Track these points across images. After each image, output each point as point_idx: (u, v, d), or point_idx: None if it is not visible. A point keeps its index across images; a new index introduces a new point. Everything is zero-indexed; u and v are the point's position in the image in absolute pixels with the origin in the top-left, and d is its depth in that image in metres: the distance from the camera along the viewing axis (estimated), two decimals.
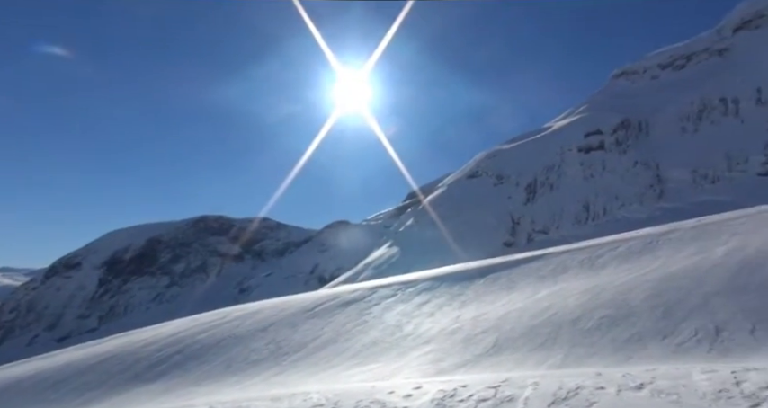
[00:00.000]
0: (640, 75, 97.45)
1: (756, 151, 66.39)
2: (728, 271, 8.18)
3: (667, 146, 74.28)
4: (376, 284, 16.38)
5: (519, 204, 75.79)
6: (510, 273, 14.09)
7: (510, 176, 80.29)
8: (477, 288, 13.48)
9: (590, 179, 75.39)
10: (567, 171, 77.43)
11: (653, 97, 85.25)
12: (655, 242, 12.08)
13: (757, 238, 9.35)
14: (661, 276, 9.16)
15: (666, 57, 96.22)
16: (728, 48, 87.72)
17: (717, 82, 79.27)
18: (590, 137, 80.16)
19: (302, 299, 16.31)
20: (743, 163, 66.07)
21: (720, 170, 67.04)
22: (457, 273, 15.71)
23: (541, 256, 14.97)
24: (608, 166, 75.73)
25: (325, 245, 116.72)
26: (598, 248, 13.45)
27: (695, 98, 78.68)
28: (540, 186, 77.24)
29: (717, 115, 75.37)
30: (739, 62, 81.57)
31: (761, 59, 78.69)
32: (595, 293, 9.54)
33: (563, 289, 10.75)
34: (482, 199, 76.03)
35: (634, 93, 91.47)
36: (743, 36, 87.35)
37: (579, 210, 71.52)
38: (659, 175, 71.33)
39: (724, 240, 10.07)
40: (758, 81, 75.27)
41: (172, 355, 12.63)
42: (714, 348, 6.25)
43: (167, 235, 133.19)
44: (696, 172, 68.44)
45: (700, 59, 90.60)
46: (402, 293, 14.44)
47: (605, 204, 70.67)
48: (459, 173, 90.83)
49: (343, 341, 11.22)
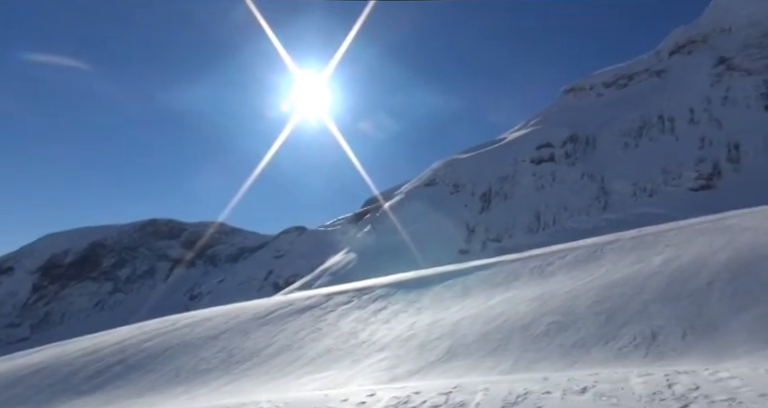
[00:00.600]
0: (587, 91, 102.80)
1: (689, 167, 71.42)
2: (664, 280, 8.72)
3: (611, 160, 78.56)
4: (332, 291, 16.25)
5: (474, 212, 77.63)
6: (465, 280, 14.36)
7: (466, 185, 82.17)
8: (433, 295, 13.66)
9: (541, 189, 78.42)
10: (521, 181, 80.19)
11: (599, 113, 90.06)
12: (599, 251, 12.69)
13: (689, 249, 10.04)
14: (604, 283, 9.63)
15: (611, 76, 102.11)
16: (665, 69, 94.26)
17: (655, 101, 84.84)
18: (541, 150, 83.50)
19: (255, 306, 15.91)
20: (677, 178, 70.86)
21: (658, 184, 71.58)
22: (413, 280, 15.86)
23: (495, 264, 15.38)
24: (558, 178, 79.09)
25: (281, 251, 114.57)
26: (548, 256, 13.97)
27: (636, 116, 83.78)
28: (494, 195, 79.50)
29: (655, 132, 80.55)
30: (675, 83, 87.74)
31: (693, 82, 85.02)
32: (545, 300, 9.89)
33: (515, 296, 11.07)
34: (439, 207, 77.33)
35: (582, 108, 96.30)
36: (677, 59, 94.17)
37: (531, 220, 74.15)
38: (604, 187, 75.22)
39: (660, 250, 10.73)
40: (691, 102, 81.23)
41: (113, 365, 11.95)
42: (650, 352, 6.64)
43: (112, 239, 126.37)
44: (636, 186, 72.69)
45: (640, 79, 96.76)
46: (358, 300, 14.39)
47: (555, 214, 73.66)
48: (417, 181, 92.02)
49: (297, 349, 11.04)
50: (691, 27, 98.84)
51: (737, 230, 10.29)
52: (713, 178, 69.45)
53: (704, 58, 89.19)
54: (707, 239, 10.38)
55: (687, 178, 70.20)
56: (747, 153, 70.48)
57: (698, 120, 78.44)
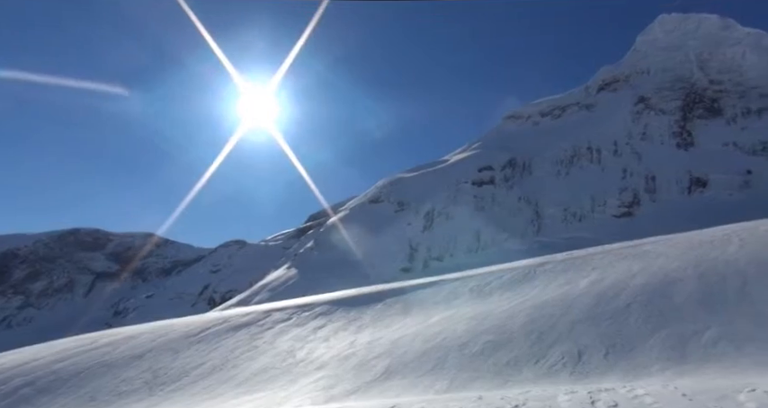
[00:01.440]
0: (525, 119, 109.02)
1: (613, 195, 77.25)
2: (589, 301, 9.31)
3: (545, 185, 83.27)
4: (270, 307, 15.78)
5: (417, 231, 78.88)
6: (406, 298, 14.47)
7: (410, 204, 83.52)
8: (373, 313, 13.62)
9: (481, 211, 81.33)
10: (462, 202, 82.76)
11: (535, 141, 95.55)
12: (532, 272, 13.32)
13: (611, 272, 10.81)
14: (536, 304, 10.10)
15: (546, 107, 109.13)
16: (594, 104, 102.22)
17: (584, 132, 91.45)
18: (482, 172, 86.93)
19: (187, 323, 15.09)
20: (603, 205, 76.34)
21: (586, 210, 76.66)
22: (355, 297, 15.75)
23: (436, 283, 15.64)
24: (497, 200, 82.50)
25: (219, 265, 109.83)
26: (486, 276, 14.45)
27: (568, 145, 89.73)
28: (437, 215, 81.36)
29: (584, 162, 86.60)
30: (601, 117, 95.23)
31: (617, 117, 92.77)
32: (481, 319, 10.20)
33: (453, 315, 11.31)
34: (383, 224, 77.87)
35: (520, 135, 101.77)
36: (604, 95, 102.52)
37: (471, 240, 76.47)
38: (538, 211, 79.37)
39: (587, 273, 11.46)
40: (615, 135, 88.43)
41: (19, 388, 10.80)
42: (576, 370, 7.03)
43: (26, 249, 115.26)
44: (567, 211, 77.39)
45: (572, 111, 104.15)
46: (297, 317, 14.08)
47: (493, 235, 76.50)
48: (363, 198, 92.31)
49: (230, 369, 10.57)
50: (615, 67, 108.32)
51: (653, 256, 11.23)
52: (633, 206, 75.44)
53: (626, 96, 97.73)
54: (627, 263, 11.23)
55: (611, 205, 75.77)
56: (662, 185, 77.41)
57: (621, 153, 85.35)
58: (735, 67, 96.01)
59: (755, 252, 9.16)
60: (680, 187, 76.15)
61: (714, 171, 75.79)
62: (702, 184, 75.18)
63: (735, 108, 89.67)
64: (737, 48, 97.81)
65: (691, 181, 76.02)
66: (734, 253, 9.51)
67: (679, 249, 11.20)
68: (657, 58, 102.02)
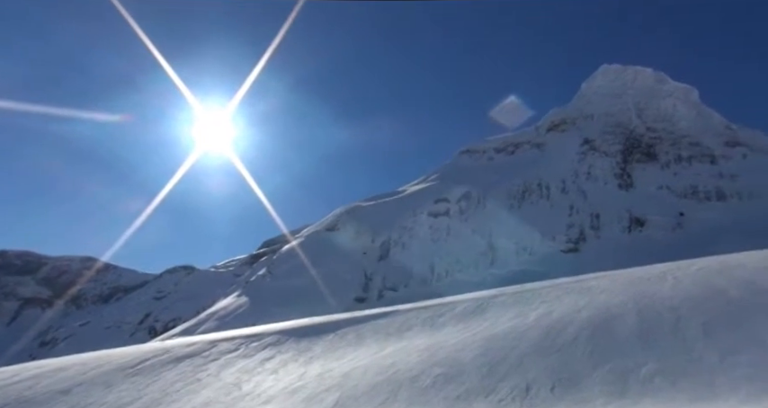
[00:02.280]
0: (481, 154, 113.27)
1: (561, 231, 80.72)
2: (538, 334, 9.55)
3: (498, 218, 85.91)
4: (216, 337, 15.06)
5: (373, 260, 78.59)
6: (359, 329, 14.23)
7: (366, 233, 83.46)
8: (325, 344, 13.30)
9: (437, 242, 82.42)
10: (418, 232, 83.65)
11: (489, 175, 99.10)
12: (485, 304, 13.53)
13: (559, 306, 11.19)
14: (488, 336, 10.24)
15: (500, 143, 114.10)
16: (544, 143, 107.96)
17: (535, 170, 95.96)
18: (439, 204, 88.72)
19: (123, 354, 14.09)
20: (552, 240, 79.48)
21: (536, 244, 79.47)
22: (306, 327, 15.35)
23: (390, 313, 15.53)
24: (452, 232, 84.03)
25: (163, 292, 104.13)
26: (440, 308, 14.51)
27: (520, 181, 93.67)
28: (393, 245, 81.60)
29: (535, 197, 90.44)
30: (551, 156, 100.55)
31: (565, 157, 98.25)
32: (434, 351, 10.19)
33: (406, 347, 11.24)
34: (339, 253, 77.12)
35: (475, 169, 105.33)
36: (553, 136, 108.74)
37: (426, 270, 76.96)
38: (491, 244, 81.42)
39: (536, 306, 11.79)
40: (563, 174, 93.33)
41: None
42: (524, 404, 7.13)
43: None
44: (518, 244, 79.91)
45: (524, 149, 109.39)
46: (245, 347, 13.51)
47: (447, 266, 77.43)
48: (319, 226, 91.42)
49: (170, 403, 9.91)
50: (563, 110, 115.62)
51: (597, 291, 11.75)
52: (579, 242, 78.98)
53: (573, 138, 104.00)
54: (573, 298, 11.67)
55: (559, 240, 79.01)
56: (605, 222, 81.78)
57: (568, 190, 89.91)
58: (668, 117, 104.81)
59: (688, 291, 9.78)
60: (621, 225, 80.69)
61: (651, 212, 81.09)
62: (641, 224, 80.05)
63: (668, 154, 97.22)
64: (669, 101, 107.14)
65: (630, 221, 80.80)
66: (668, 291, 10.11)
67: (620, 285, 11.78)
68: (601, 104, 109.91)
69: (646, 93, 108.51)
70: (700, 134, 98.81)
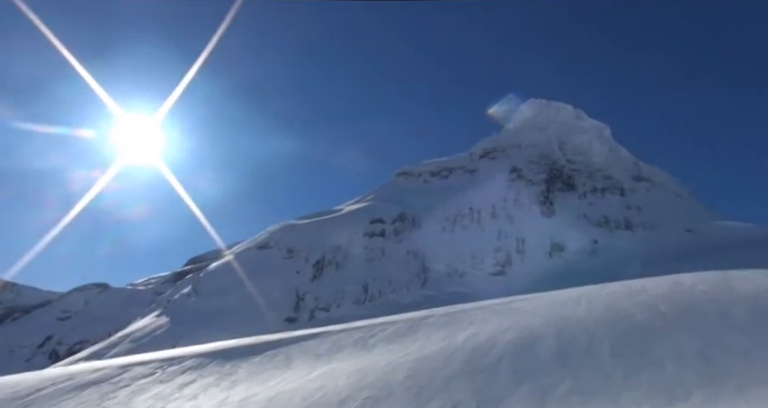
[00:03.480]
0: (416, 177, 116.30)
1: (490, 255, 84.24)
2: (466, 355, 9.83)
3: (432, 241, 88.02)
4: (129, 361, 13.90)
5: (306, 280, 76.99)
6: (288, 350, 13.83)
7: (300, 251, 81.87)
8: (251, 367, 12.75)
9: (371, 262, 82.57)
10: (353, 252, 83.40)
11: (424, 198, 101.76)
12: (416, 325, 13.70)
13: (486, 327, 11.61)
14: (418, 358, 10.37)
15: (435, 167, 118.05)
16: (476, 169, 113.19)
17: (468, 194, 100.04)
18: (374, 224, 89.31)
19: (16, 382, 12.56)
20: (481, 263, 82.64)
21: (466, 266, 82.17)
22: (231, 349, 14.66)
23: (320, 334, 15.23)
24: (386, 252, 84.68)
25: (69, 312, 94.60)
26: (371, 328, 14.47)
27: (453, 205, 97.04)
28: (327, 264, 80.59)
29: (467, 221, 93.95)
30: (482, 182, 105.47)
31: (495, 183, 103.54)
32: (364, 373, 10.11)
33: (336, 369, 11.06)
34: (270, 271, 74.78)
35: (411, 191, 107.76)
36: (485, 162, 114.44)
37: (359, 291, 76.58)
38: (424, 265, 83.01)
39: (465, 327, 12.14)
40: (492, 199, 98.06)
41: None
42: None
43: None
44: (450, 267, 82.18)
45: (458, 174, 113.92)
46: (162, 372, 12.59)
47: (381, 287, 77.64)
48: (250, 243, 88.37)
49: None
50: (494, 138, 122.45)
51: (521, 313, 12.35)
52: (506, 265, 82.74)
53: (503, 165, 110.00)
54: (499, 319, 12.17)
55: (488, 263, 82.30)
56: (530, 247, 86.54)
57: (497, 215, 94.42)
58: (584, 151, 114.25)
59: (599, 314, 10.57)
60: (543, 250, 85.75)
61: (569, 238, 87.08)
62: (561, 249, 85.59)
63: (585, 185, 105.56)
64: (586, 136, 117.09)
65: (552, 246, 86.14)
66: (583, 314, 10.87)
67: (542, 307, 12.48)
68: (527, 135, 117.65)
69: (566, 127, 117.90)
70: (611, 168, 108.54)
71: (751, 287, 10.01)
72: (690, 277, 12.25)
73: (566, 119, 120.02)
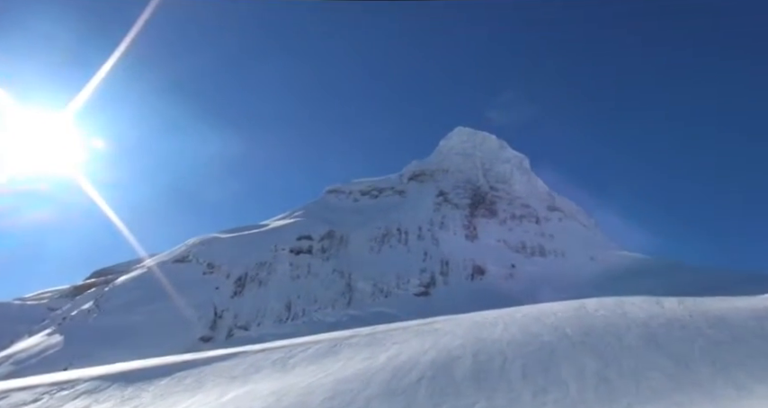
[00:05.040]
0: (346, 195, 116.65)
1: (415, 275, 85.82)
2: (386, 376, 9.88)
3: (359, 260, 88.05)
4: (8, 387, 12.32)
5: (226, 297, 73.29)
6: (200, 372, 13.05)
7: (221, 266, 78.07)
8: (157, 390, 11.83)
9: (296, 280, 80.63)
10: (278, 269, 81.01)
11: (353, 216, 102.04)
12: (339, 345, 13.55)
13: (408, 347, 11.79)
14: (338, 378, 10.24)
15: (366, 186, 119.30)
16: (405, 191, 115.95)
17: (396, 215, 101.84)
18: (301, 241, 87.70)
19: None
20: (406, 283, 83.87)
21: (392, 287, 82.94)
22: (135, 371, 13.53)
23: (237, 354, 14.55)
24: (312, 270, 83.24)
25: None
26: (292, 348, 14.07)
27: (381, 224, 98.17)
28: (249, 280, 77.45)
29: (394, 241, 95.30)
30: (410, 203, 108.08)
31: (422, 205, 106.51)
32: (281, 395, 9.78)
33: (252, 391, 10.60)
34: (186, 287, 70.28)
35: (340, 209, 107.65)
36: (413, 185, 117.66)
37: (282, 309, 74.20)
38: (350, 284, 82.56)
39: (387, 347, 12.22)
40: (419, 221, 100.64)
41: None
42: None
43: None
44: (376, 286, 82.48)
45: (388, 194, 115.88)
46: (50, 398, 11.28)
47: (305, 305, 75.86)
48: (167, 256, 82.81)
49: None
50: (423, 162, 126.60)
51: (441, 334, 12.70)
52: (430, 286, 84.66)
53: (431, 188, 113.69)
54: (420, 340, 12.41)
55: (413, 284, 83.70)
56: (453, 269, 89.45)
57: (423, 237, 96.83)
58: (506, 180, 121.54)
59: (513, 335, 11.17)
60: (466, 273, 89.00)
61: (490, 262, 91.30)
62: (481, 272, 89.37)
63: (506, 212, 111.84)
64: (507, 166, 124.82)
65: (473, 269, 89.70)
66: (499, 335, 11.42)
67: (462, 328, 12.92)
68: (454, 161, 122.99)
69: (490, 156, 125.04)
70: (529, 197, 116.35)
71: (642, 314, 11.14)
72: (593, 302, 13.37)
73: (490, 148, 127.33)
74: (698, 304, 11.63)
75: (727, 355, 8.18)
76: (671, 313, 10.86)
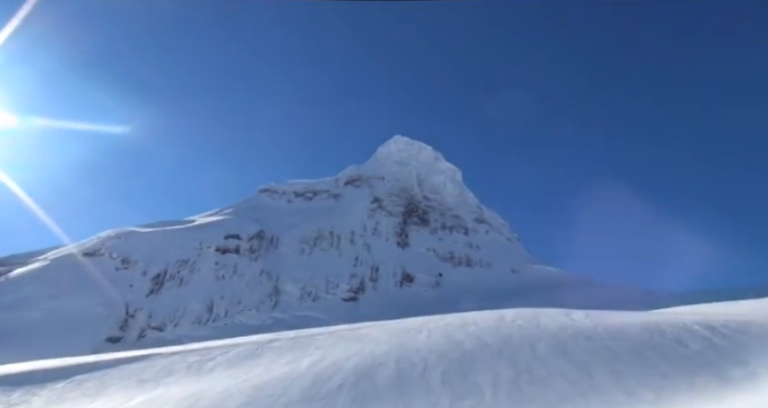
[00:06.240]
0: (280, 195, 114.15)
1: (345, 280, 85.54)
2: (308, 381, 9.74)
3: (288, 262, 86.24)
4: None
5: (141, 295, 68.52)
6: (104, 375, 12.15)
7: (138, 262, 73.00)
8: (51, 395, 10.84)
9: (221, 280, 77.25)
10: (201, 268, 77.18)
11: (286, 217, 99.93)
12: (261, 349, 13.18)
13: (331, 353, 11.71)
14: (257, 383, 9.94)
15: (300, 188, 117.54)
16: (340, 194, 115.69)
17: (330, 219, 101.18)
18: (229, 240, 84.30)
19: None
20: (335, 288, 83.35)
21: (321, 291, 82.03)
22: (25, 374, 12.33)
23: (148, 356, 13.72)
24: (239, 270, 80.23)
25: None
26: (211, 351, 13.50)
27: (314, 227, 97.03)
28: (169, 278, 73.06)
29: (326, 245, 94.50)
30: (345, 208, 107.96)
31: (356, 210, 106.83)
32: (195, 400, 9.35)
33: (162, 396, 10.02)
34: (95, 283, 64.84)
35: (273, 209, 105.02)
36: (349, 189, 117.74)
37: (202, 310, 70.66)
38: (277, 287, 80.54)
39: (310, 352, 12.07)
40: (353, 226, 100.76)
41: None
42: None
43: None
44: (304, 290, 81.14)
45: (322, 197, 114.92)
46: None
47: (228, 307, 72.81)
48: (75, 248, 76.01)
49: None
50: (359, 167, 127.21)
51: (367, 339, 12.76)
52: (359, 292, 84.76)
53: (366, 194, 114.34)
54: (345, 345, 12.39)
55: (342, 289, 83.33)
56: (383, 276, 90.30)
57: (356, 242, 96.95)
58: (439, 190, 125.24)
59: (436, 343, 11.49)
60: (395, 279, 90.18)
61: (419, 270, 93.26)
62: (410, 280, 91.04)
63: (437, 222, 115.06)
64: (441, 177, 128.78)
65: (403, 276, 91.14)
66: (422, 342, 11.69)
67: (387, 335, 13.07)
68: (390, 169, 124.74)
69: (425, 167, 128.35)
70: (459, 208, 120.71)
71: (554, 325, 11.92)
72: (512, 312, 14.10)
73: (426, 158, 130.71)
74: (602, 317, 12.66)
75: (622, 365, 8.97)
76: (579, 324, 11.73)
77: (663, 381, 8.15)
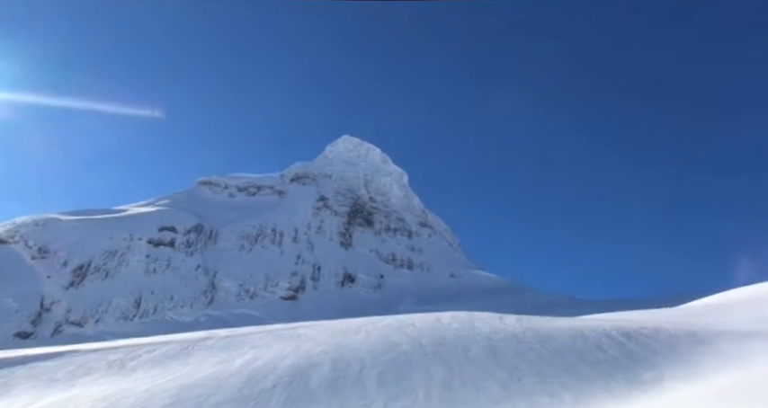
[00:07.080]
0: (221, 189, 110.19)
1: (285, 278, 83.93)
2: (240, 381, 9.45)
3: (227, 258, 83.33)
4: None
5: (59, 287, 63.44)
6: (10, 373, 11.19)
7: (58, 252, 67.61)
8: None
9: (152, 274, 73.18)
10: (130, 261, 72.75)
11: (226, 212, 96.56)
12: (191, 347, 12.64)
13: (267, 352, 11.44)
14: (185, 383, 9.51)
15: (243, 182, 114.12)
16: (285, 191, 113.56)
17: (273, 215, 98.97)
18: (163, 232, 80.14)
19: None
20: (275, 286, 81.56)
21: (259, 288, 79.92)
22: None
23: (63, 353, 12.77)
24: (173, 265, 76.41)
25: None
26: (135, 349, 12.78)
27: (256, 223, 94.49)
28: (93, 271, 68.19)
29: (267, 242, 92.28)
30: (289, 205, 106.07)
31: (301, 208, 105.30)
32: (114, 400, 8.80)
33: (76, 396, 9.33)
34: (6, 273, 59.29)
35: (213, 203, 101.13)
36: (295, 186, 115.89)
37: (129, 305, 66.57)
38: (214, 283, 77.54)
39: (244, 351, 11.72)
40: (297, 224, 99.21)
41: None
42: None
43: None
44: (242, 287, 78.69)
45: (266, 193, 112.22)
46: None
47: (158, 303, 69.10)
48: None
49: None
50: (306, 164, 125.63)
51: (304, 339, 12.59)
52: (299, 291, 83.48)
53: (312, 192, 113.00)
54: (281, 344, 12.15)
55: (281, 287, 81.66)
56: (324, 275, 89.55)
57: (299, 240, 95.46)
58: (385, 192, 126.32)
59: (373, 344, 11.55)
60: (336, 279, 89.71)
61: (361, 270, 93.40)
62: (352, 280, 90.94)
63: (381, 224, 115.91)
64: (388, 179, 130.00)
65: (345, 276, 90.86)
66: (360, 343, 11.71)
67: (325, 335, 12.97)
68: (338, 168, 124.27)
69: (372, 168, 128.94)
70: (404, 211, 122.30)
71: (487, 328, 12.37)
72: (448, 315, 14.47)
73: (373, 160, 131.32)
74: (532, 322, 13.30)
75: (548, 368, 9.48)
76: (510, 328, 12.25)
77: (583, 384, 8.69)
